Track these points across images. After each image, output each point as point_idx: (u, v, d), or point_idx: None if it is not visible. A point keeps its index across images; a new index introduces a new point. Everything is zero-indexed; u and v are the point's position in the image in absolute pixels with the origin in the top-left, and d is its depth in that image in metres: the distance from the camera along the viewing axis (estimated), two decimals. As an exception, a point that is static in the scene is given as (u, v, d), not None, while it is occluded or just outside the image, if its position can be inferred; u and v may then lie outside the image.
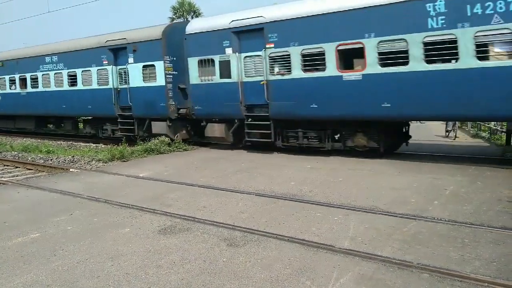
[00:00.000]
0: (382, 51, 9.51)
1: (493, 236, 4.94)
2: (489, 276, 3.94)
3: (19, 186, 9.16)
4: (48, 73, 18.01)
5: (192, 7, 34.82)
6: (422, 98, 9.07)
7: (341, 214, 6.04)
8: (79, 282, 4.23)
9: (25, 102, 19.40)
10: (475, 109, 8.58)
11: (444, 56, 8.73)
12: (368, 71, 9.75)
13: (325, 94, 10.48)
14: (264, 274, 4.20)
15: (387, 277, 4.03)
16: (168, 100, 13.91)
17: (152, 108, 14.33)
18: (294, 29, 10.93)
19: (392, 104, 9.46)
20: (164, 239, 5.34)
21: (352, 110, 10.08)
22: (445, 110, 8.98)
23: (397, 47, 9.28)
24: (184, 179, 8.85)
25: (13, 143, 17.85)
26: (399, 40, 9.26)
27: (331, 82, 10.36)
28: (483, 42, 8.29)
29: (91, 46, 16.13)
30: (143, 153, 12.70)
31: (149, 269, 4.46)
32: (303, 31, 10.75)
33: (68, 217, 6.54)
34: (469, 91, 8.52)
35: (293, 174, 9.00)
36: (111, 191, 8.24)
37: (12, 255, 5.05)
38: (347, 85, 10.11)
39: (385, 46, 9.47)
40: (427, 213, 5.87)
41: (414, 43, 9.02)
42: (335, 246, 4.80)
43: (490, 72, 8.28)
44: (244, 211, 6.43)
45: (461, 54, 8.51)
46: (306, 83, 10.81)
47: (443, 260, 4.34)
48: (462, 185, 7.39)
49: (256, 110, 12.10)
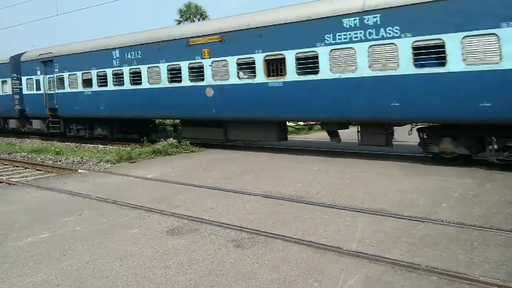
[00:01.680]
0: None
1: (503, 239, 4.90)
2: (498, 279, 3.90)
3: (29, 187, 9.26)
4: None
5: (199, 10, 34.97)
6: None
7: (348, 216, 6.02)
8: (88, 282, 4.27)
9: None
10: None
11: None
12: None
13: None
14: (271, 276, 4.21)
15: (395, 279, 4.02)
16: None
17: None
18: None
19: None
20: (172, 240, 5.37)
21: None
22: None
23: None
24: (192, 181, 8.88)
25: (22, 145, 18.08)
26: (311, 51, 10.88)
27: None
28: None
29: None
30: (150, 154, 12.76)
31: (157, 269, 4.49)
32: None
33: (77, 218, 6.61)
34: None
35: (300, 176, 8.99)
36: (119, 192, 8.30)
37: (22, 255, 5.12)
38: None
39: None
40: (436, 216, 5.83)
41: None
42: (343, 248, 4.79)
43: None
44: (251, 212, 6.44)
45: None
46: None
47: (452, 263, 4.31)
48: (470, 187, 7.33)
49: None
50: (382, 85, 9.63)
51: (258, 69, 11.67)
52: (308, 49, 10.69)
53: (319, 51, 10.47)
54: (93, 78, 16.19)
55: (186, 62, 13.23)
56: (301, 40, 10.79)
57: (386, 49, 9.48)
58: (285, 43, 11.06)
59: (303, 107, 10.99)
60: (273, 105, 11.51)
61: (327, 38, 10.30)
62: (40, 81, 18.75)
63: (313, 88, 10.71)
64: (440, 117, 9.11)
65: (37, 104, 18.97)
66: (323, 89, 10.54)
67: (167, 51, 13.72)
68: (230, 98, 12.38)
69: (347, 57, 10.07)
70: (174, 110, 13.95)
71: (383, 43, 9.47)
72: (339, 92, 10.28)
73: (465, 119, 8.74)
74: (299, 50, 10.87)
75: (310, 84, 10.76)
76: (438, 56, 8.87)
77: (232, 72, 12.22)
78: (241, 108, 12.23)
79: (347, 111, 10.28)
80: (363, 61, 9.79)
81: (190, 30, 13.79)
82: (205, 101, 12.90)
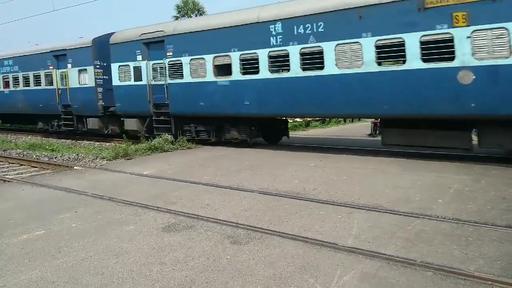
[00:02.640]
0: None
1: (498, 234, 4.92)
2: (493, 274, 3.93)
3: (24, 184, 9.22)
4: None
5: (196, 6, 34.81)
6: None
7: (344, 212, 6.04)
8: (83, 279, 4.26)
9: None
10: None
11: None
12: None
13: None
14: (267, 272, 4.21)
15: (391, 275, 4.03)
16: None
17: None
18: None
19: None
20: (168, 237, 5.36)
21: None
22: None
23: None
24: (188, 177, 8.87)
25: (17, 141, 17.97)
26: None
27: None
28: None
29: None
30: (147, 151, 12.73)
31: (153, 266, 4.48)
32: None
33: (72, 215, 6.58)
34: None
35: (296, 172, 9.00)
36: (115, 188, 8.27)
37: (17, 252, 5.09)
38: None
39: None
40: (431, 212, 5.86)
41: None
42: (339, 244, 4.80)
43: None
44: (247, 209, 6.44)
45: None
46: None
47: (447, 258, 4.33)
48: (466, 183, 7.36)
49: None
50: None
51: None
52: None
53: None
54: (234, 63, 12.09)
55: (417, 34, 9.08)
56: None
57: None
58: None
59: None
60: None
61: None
62: (142, 69, 14.40)
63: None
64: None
65: (135, 99, 14.72)
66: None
67: (376, 19, 9.58)
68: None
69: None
70: (384, 105, 9.69)
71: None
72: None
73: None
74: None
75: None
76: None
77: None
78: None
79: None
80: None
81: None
82: (453, 91, 8.80)
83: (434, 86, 9.02)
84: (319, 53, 10.55)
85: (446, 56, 8.87)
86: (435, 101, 9.04)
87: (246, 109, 11.99)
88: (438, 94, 8.98)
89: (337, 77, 10.30)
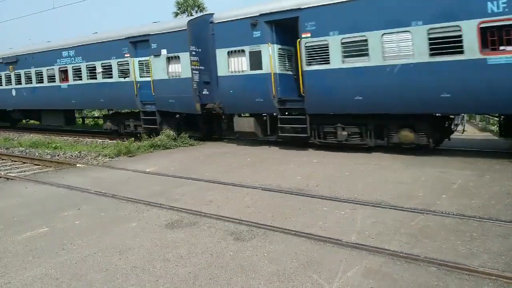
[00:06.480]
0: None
1: (502, 230, 4.90)
2: (497, 269, 3.91)
3: (27, 181, 9.24)
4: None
5: (196, 2, 34.69)
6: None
7: (348, 208, 6.02)
8: (87, 275, 4.27)
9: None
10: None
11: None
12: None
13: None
14: (271, 268, 4.21)
15: (394, 270, 4.02)
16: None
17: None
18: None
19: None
20: (171, 233, 5.36)
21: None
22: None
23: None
24: (191, 174, 8.87)
25: (20, 139, 18.01)
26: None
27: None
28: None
29: None
30: (149, 148, 12.74)
31: (156, 262, 4.49)
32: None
33: (76, 212, 6.60)
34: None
35: (299, 168, 8.98)
36: (118, 186, 8.28)
37: (21, 249, 5.11)
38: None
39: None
40: (435, 207, 5.83)
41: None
42: (342, 240, 4.79)
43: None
44: (250, 205, 6.43)
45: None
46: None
47: (451, 253, 4.31)
48: (470, 179, 7.33)
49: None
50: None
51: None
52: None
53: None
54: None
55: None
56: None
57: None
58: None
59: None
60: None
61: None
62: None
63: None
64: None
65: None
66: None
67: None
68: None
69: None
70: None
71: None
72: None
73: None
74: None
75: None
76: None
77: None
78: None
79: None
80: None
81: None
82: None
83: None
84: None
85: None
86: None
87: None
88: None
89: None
